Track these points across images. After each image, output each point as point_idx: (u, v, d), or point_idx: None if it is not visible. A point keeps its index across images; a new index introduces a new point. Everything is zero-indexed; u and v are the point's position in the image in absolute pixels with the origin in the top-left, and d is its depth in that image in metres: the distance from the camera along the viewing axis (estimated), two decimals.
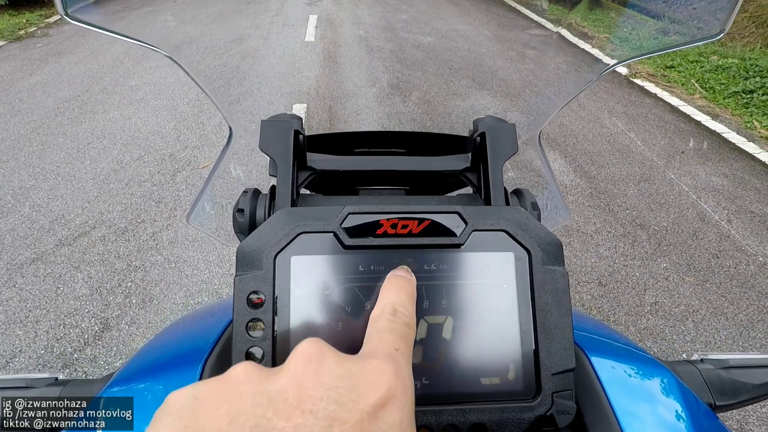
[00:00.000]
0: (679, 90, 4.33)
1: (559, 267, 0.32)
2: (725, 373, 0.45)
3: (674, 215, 2.64)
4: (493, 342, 0.31)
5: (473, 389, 0.30)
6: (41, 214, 2.42)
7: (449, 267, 0.32)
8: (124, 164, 2.87)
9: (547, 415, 0.30)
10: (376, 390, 0.20)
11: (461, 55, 5.00)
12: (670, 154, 3.24)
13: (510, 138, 0.42)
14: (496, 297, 0.31)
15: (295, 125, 0.42)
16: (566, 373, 0.31)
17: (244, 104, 3.68)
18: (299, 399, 0.19)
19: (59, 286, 1.99)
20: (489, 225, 0.32)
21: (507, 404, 0.30)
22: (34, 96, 3.78)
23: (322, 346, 0.22)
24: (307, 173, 0.44)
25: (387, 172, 0.46)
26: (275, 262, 0.31)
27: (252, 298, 0.30)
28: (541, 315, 0.31)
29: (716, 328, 1.97)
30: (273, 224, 0.32)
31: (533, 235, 0.32)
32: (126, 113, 3.47)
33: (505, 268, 0.32)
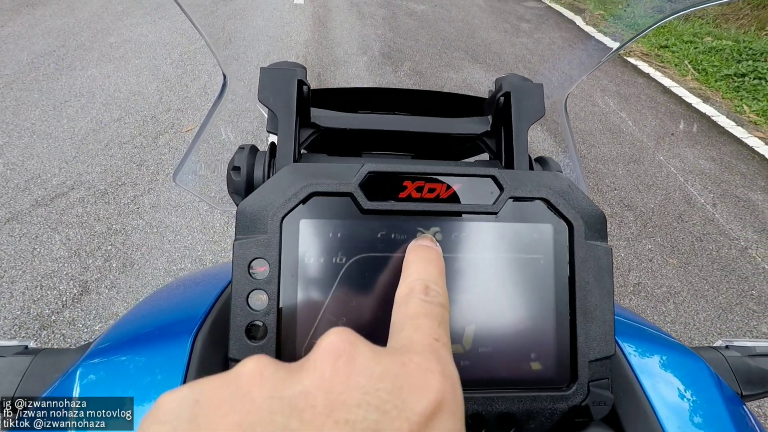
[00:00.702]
0: (672, 71, 4.31)
1: (602, 243, 0.29)
2: (752, 361, 0.43)
3: (661, 197, 2.67)
4: (526, 323, 0.28)
5: (501, 375, 0.27)
6: (16, 173, 2.31)
7: (480, 239, 0.28)
8: (103, 124, 2.75)
9: (582, 405, 0.27)
10: (424, 395, 0.16)
11: (455, 26, 4.86)
12: (660, 136, 3.25)
13: (537, 99, 0.38)
14: (530, 273, 0.28)
15: (299, 74, 0.37)
16: (604, 360, 0.28)
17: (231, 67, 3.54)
18: (330, 406, 0.15)
19: (36, 246, 1.92)
20: (527, 192, 0.29)
21: (538, 392, 0.27)
22: (7, 49, 3.56)
23: (353, 338, 0.18)
24: (310, 131, 0.39)
25: (397, 133, 0.41)
26: (282, 226, 0.27)
27: (254, 266, 0.27)
28: (581, 295, 0.28)
29: (696, 310, 2.02)
30: (279, 182, 0.28)
31: (575, 205, 0.29)
32: (105, 71, 3.31)
33: (543, 241, 0.28)
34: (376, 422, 0.15)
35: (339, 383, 0.16)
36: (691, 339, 1.89)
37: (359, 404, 0.15)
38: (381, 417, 0.15)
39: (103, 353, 0.38)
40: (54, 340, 1.56)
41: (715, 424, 0.32)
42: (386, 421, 0.15)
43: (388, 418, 0.15)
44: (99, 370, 0.35)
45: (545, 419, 0.27)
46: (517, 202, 0.29)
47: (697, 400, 0.34)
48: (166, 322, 0.43)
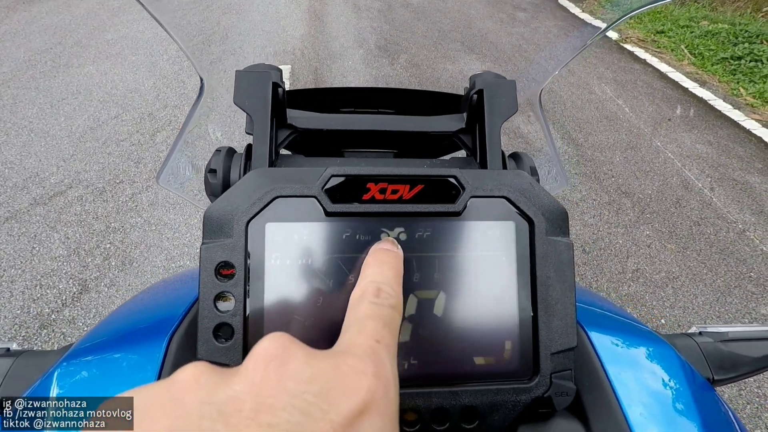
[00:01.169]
0: (668, 56, 4.29)
1: (563, 238, 0.29)
2: (724, 346, 0.44)
3: (659, 183, 2.67)
4: (489, 319, 0.28)
5: (465, 370, 0.28)
6: (14, 172, 2.32)
7: (444, 237, 0.29)
8: (100, 122, 2.75)
9: (544, 396, 0.28)
10: (351, 396, 0.17)
11: (451, 17, 4.84)
12: (657, 122, 3.24)
13: (510, 96, 0.39)
14: (493, 270, 0.29)
15: (274, 77, 0.37)
16: (567, 352, 0.28)
17: (226, 63, 3.53)
18: (256, 410, 0.16)
19: (35, 245, 1.93)
20: (488, 191, 0.29)
21: (501, 385, 0.28)
22: (3, 46, 3.56)
23: (287, 343, 0.18)
24: (287, 132, 0.40)
25: (375, 133, 0.42)
26: (247, 229, 0.27)
27: (221, 269, 0.27)
28: (542, 289, 0.29)
29: (694, 294, 2.03)
30: (246, 186, 0.28)
31: (536, 202, 0.29)
32: (102, 68, 3.30)
33: (505, 238, 0.29)
34: (298, 424, 0.15)
35: (268, 387, 0.16)
36: (690, 323, 1.90)
37: (284, 407, 0.16)
38: (304, 419, 0.16)
39: (81, 354, 0.38)
40: (54, 338, 1.58)
41: (680, 410, 0.33)
42: (309, 423, 0.16)
43: (311, 420, 0.16)
44: (76, 371, 0.35)
45: (508, 411, 0.28)
46: (479, 201, 0.29)
47: (663, 386, 0.35)
48: (144, 324, 0.44)
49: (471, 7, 5.13)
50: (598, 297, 0.55)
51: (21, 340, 1.54)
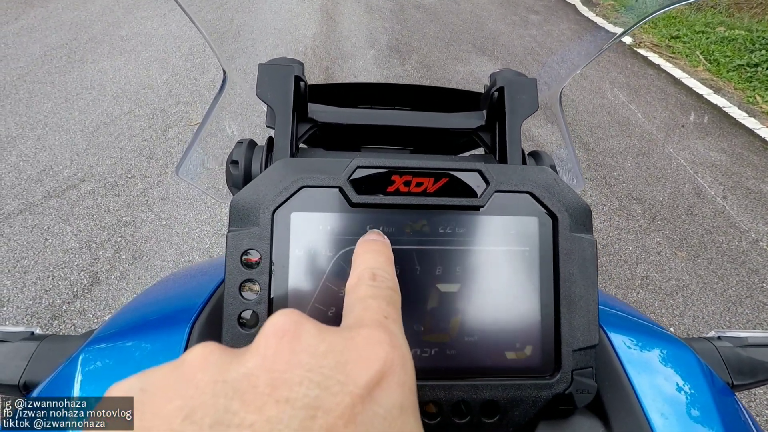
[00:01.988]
0: (683, 62, 4.24)
1: (587, 235, 0.30)
2: (743, 351, 0.43)
3: (670, 190, 2.64)
4: (511, 314, 0.28)
5: (487, 364, 0.28)
6: (29, 164, 2.36)
7: (467, 231, 0.29)
8: (114, 117, 2.78)
9: (565, 393, 0.28)
10: (369, 365, 0.17)
11: (463, 18, 4.82)
12: (670, 128, 3.21)
13: (530, 94, 0.39)
14: (516, 265, 0.29)
15: (297, 70, 0.38)
16: (588, 349, 0.28)
17: (238, 62, 3.55)
18: (272, 385, 0.15)
19: (47, 237, 1.96)
20: (513, 186, 0.29)
21: (523, 381, 0.28)
22: (20, 41, 3.61)
23: (298, 318, 0.18)
24: (308, 125, 0.40)
25: (394, 128, 0.42)
26: (273, 218, 0.28)
27: (246, 257, 0.27)
28: (565, 286, 0.29)
29: (705, 303, 2.00)
30: (272, 175, 0.29)
31: (561, 198, 0.29)
32: (116, 64, 3.34)
33: (529, 233, 0.29)
34: (316, 398, 0.15)
35: (281, 362, 0.16)
36: (700, 333, 1.87)
37: (301, 382, 0.15)
38: (322, 392, 0.15)
39: (104, 340, 0.39)
40: (65, 329, 1.60)
41: (700, 413, 0.33)
42: (327, 397, 0.15)
43: (330, 393, 0.15)
44: (99, 356, 0.36)
45: (529, 407, 0.28)
46: (503, 196, 0.29)
47: (683, 389, 0.34)
48: (166, 312, 0.44)
49: (483, 9, 5.11)
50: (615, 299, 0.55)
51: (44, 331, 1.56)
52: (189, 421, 0.14)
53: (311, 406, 0.15)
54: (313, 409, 0.15)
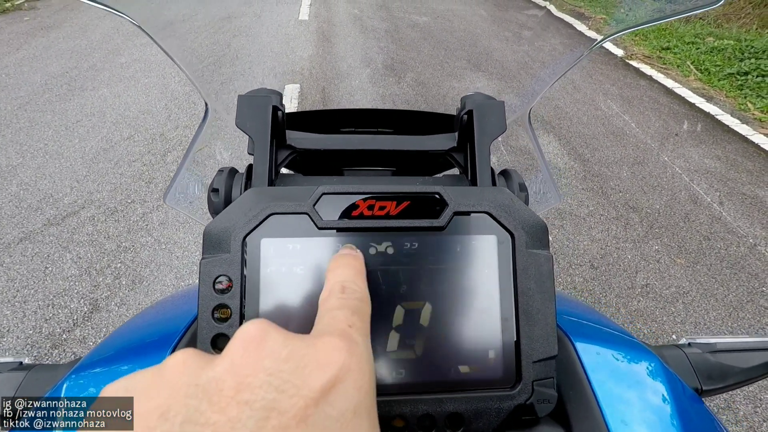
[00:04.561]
0: (674, 72, 4.30)
1: (543, 251, 0.31)
2: (712, 357, 0.44)
3: (667, 198, 2.65)
4: (473, 329, 0.29)
5: (451, 378, 0.29)
6: (29, 193, 2.38)
7: (429, 251, 0.30)
8: (113, 143, 2.82)
9: (526, 403, 0.29)
10: (325, 370, 0.18)
11: (457, 36, 4.92)
12: (664, 137, 3.24)
13: (498, 116, 0.40)
14: (477, 282, 0.30)
15: (274, 101, 0.39)
16: (548, 360, 0.29)
17: (236, 83, 3.61)
18: (236, 388, 0.17)
19: (48, 266, 1.97)
20: (471, 207, 0.31)
21: (485, 393, 0.29)
22: (21, 71, 3.68)
23: (265, 327, 0.20)
24: (287, 152, 0.42)
25: (371, 152, 0.44)
26: (244, 245, 0.29)
27: (218, 283, 0.29)
28: (524, 300, 0.30)
29: (706, 309, 1.99)
30: (242, 204, 0.30)
31: (517, 217, 0.31)
32: (115, 91, 3.40)
33: (488, 251, 0.30)
34: (273, 400, 0.17)
35: (246, 367, 0.18)
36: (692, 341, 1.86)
37: (261, 385, 0.17)
38: (279, 395, 0.17)
39: (89, 367, 0.40)
40: (65, 358, 1.59)
41: (661, 419, 0.33)
42: (283, 399, 0.17)
43: (286, 395, 0.17)
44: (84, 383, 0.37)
45: (492, 418, 0.29)
46: (462, 216, 0.30)
47: (646, 396, 0.35)
48: (149, 338, 0.45)
49: (476, 27, 5.21)
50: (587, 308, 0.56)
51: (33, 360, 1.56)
52: (163, 418, 0.16)
53: (267, 408, 0.16)
54: (269, 410, 0.16)
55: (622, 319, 1.93)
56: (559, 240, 2.30)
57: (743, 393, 1.67)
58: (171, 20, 0.48)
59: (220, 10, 5.12)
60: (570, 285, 2.07)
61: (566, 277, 2.10)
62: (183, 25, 4.51)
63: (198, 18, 4.84)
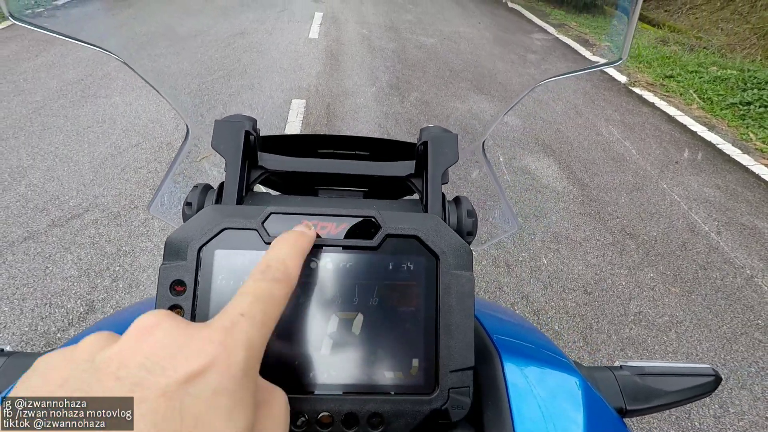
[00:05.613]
0: (677, 100, 4.34)
1: (466, 272, 0.34)
2: (640, 379, 0.46)
3: (664, 225, 2.66)
4: (399, 339, 0.32)
5: (377, 382, 0.32)
6: (36, 194, 2.44)
7: (363, 268, 0.33)
8: (121, 150, 2.89)
9: (442, 409, 0.31)
10: (194, 360, 0.20)
11: (462, 57, 5.01)
12: (664, 164, 3.26)
13: (451, 147, 0.43)
14: (405, 297, 0.33)
15: (247, 126, 0.43)
16: (465, 371, 0.32)
17: (244, 96, 3.70)
18: (117, 366, 0.20)
19: (48, 265, 2.01)
20: (402, 230, 0.34)
21: (406, 397, 0.31)
22: (39, 77, 3.80)
23: (161, 317, 0.22)
24: (259, 172, 0.45)
25: (342, 175, 0.47)
26: (199, 254, 0.32)
27: (175, 286, 0.32)
28: (444, 316, 0.33)
29: (698, 339, 1.99)
30: (200, 219, 0.34)
31: (444, 241, 0.34)
32: (127, 99, 3.49)
33: (416, 270, 0.33)
34: (140, 378, 0.19)
35: (130, 350, 0.21)
36: None
37: (136, 366, 0.20)
38: (147, 375, 0.20)
39: None
40: None
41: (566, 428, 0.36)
42: (149, 377, 0.19)
43: (152, 375, 0.20)
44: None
45: (410, 420, 0.31)
46: (394, 238, 0.34)
47: (559, 409, 0.38)
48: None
49: (482, 49, 5.31)
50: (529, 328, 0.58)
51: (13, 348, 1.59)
52: (62, 387, 0.20)
53: (133, 383, 0.19)
54: (134, 385, 0.19)
55: (613, 346, 1.92)
56: (554, 264, 2.32)
57: None
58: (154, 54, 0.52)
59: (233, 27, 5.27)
60: (562, 310, 2.07)
61: (559, 302, 2.11)
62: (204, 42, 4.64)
63: (211, 33, 4.99)
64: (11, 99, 3.42)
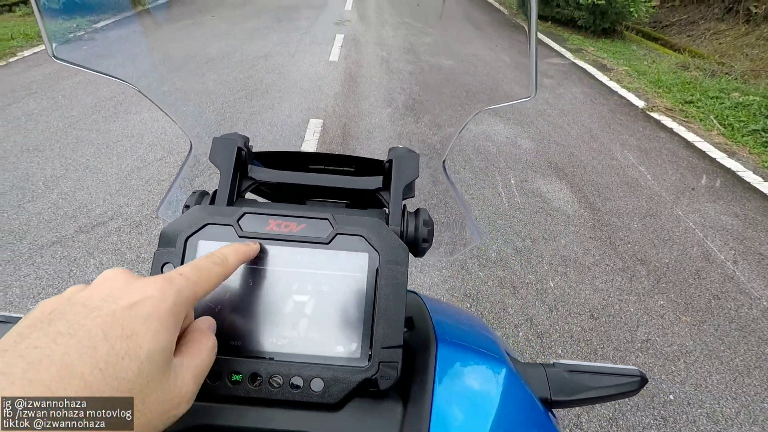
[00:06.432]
0: (696, 125, 4.29)
1: (400, 266, 0.40)
2: (569, 375, 0.51)
3: (677, 252, 2.62)
4: (343, 320, 0.39)
5: (323, 353, 0.38)
6: (66, 202, 2.60)
7: (317, 260, 0.40)
8: (147, 163, 3.05)
9: (372, 378, 0.37)
10: (135, 295, 0.28)
11: (479, 80, 5.09)
12: (679, 190, 3.22)
13: (413, 166, 0.50)
14: (350, 285, 0.39)
15: (239, 143, 0.51)
16: (395, 348, 0.38)
17: (264, 116, 3.85)
18: (86, 299, 0.27)
19: (73, 269, 2.13)
20: (350, 230, 0.41)
21: (344, 366, 0.38)
22: (76, 94, 4.05)
23: (120, 273, 0.30)
24: (249, 182, 0.53)
25: (320, 187, 0.54)
26: (186, 243, 0.40)
27: (164, 269, 0.39)
28: (380, 302, 0.39)
29: (709, 371, 1.94)
30: (190, 215, 0.41)
31: (383, 240, 0.41)
32: (155, 116, 3.69)
33: (360, 264, 0.40)
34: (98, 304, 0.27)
35: (96, 289, 0.28)
36: (702, 402, 1.81)
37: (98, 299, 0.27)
38: (102, 303, 0.27)
39: None
40: None
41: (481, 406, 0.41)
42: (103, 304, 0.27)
43: (106, 302, 0.27)
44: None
45: (346, 385, 0.37)
46: (343, 237, 0.41)
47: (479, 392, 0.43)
48: None
49: (499, 72, 5.39)
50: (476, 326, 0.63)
51: None
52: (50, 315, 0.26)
53: (92, 307, 0.26)
54: (93, 309, 0.26)
55: None
56: (561, 287, 2.31)
57: None
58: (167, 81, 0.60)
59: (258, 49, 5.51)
60: (567, 334, 2.06)
61: (564, 325, 2.10)
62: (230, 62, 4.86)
63: (236, 55, 5.23)
64: (50, 114, 3.66)
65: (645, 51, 6.77)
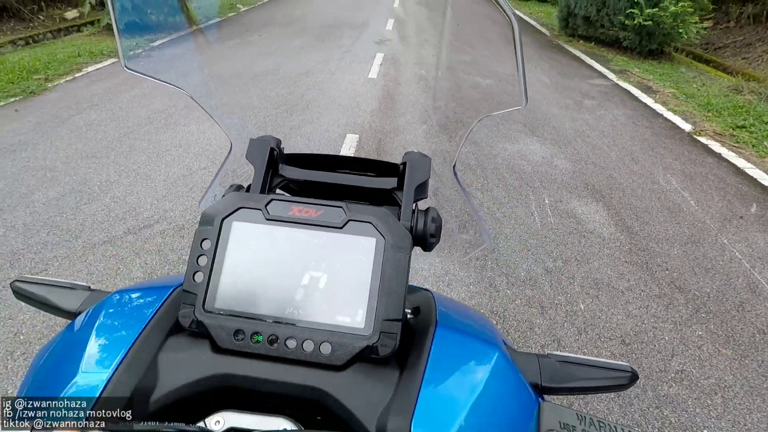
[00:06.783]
0: (748, 151, 4.09)
1: (403, 252, 0.45)
2: (561, 365, 0.53)
3: (720, 282, 2.50)
4: (352, 294, 0.44)
5: (332, 321, 0.44)
6: (118, 205, 2.80)
7: (331, 242, 0.46)
8: (192, 171, 3.24)
9: (373, 345, 0.43)
10: None
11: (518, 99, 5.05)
12: (726, 218, 3.07)
13: (424, 169, 0.56)
14: (360, 266, 0.45)
15: (272, 144, 0.58)
16: (395, 321, 0.43)
17: (303, 130, 4.00)
18: None
19: (120, 267, 2.29)
20: (361, 218, 0.47)
21: (350, 333, 0.43)
22: (131, 107, 4.38)
23: None
24: (279, 179, 0.60)
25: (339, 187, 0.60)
26: (222, 223, 0.47)
27: (204, 244, 0.46)
28: (384, 281, 0.44)
29: (749, 408, 1.83)
30: (226, 200, 0.49)
31: (389, 227, 0.46)
32: (202, 127, 3.92)
33: (369, 247, 0.46)
34: None
35: None
36: None
37: None
38: None
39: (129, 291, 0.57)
40: None
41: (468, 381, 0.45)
42: None
43: None
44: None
45: (349, 348, 0.43)
46: (355, 223, 0.46)
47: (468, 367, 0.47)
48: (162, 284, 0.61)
49: (538, 92, 5.36)
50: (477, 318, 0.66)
51: None
52: None
53: None
54: None
55: (648, 403, 1.82)
56: (591, 310, 2.25)
57: None
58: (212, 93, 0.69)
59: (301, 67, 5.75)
60: None
61: (593, 349, 2.04)
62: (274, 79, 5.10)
63: (280, 72, 5.48)
64: (108, 124, 3.97)
65: (695, 73, 6.53)
